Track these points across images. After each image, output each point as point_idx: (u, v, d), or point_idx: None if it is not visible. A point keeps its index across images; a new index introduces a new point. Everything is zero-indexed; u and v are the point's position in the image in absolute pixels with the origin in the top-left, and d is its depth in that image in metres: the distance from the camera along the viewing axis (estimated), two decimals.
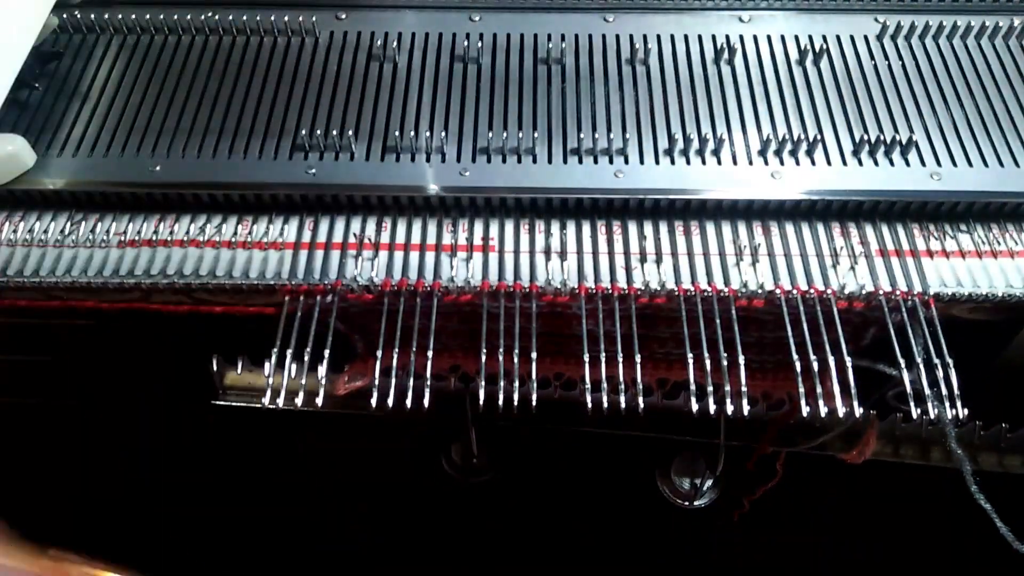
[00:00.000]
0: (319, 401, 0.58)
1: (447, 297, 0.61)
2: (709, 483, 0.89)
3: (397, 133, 0.65)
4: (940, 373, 0.57)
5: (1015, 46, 0.72)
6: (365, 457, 0.96)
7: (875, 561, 0.96)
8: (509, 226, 0.64)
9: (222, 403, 0.81)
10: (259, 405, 0.80)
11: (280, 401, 0.59)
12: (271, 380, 0.59)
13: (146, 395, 0.91)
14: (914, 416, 0.57)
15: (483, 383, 0.71)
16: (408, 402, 0.60)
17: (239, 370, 0.80)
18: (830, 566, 0.97)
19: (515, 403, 0.60)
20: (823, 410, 0.57)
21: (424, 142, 0.65)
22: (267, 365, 0.63)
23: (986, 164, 0.64)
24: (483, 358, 0.65)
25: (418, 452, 0.92)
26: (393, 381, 0.76)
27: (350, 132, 0.65)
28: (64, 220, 0.64)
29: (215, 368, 0.79)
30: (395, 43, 0.72)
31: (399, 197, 0.64)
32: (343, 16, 0.75)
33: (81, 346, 0.84)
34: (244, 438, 0.93)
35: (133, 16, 0.73)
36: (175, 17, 0.73)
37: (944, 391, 0.57)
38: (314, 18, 0.74)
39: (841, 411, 0.57)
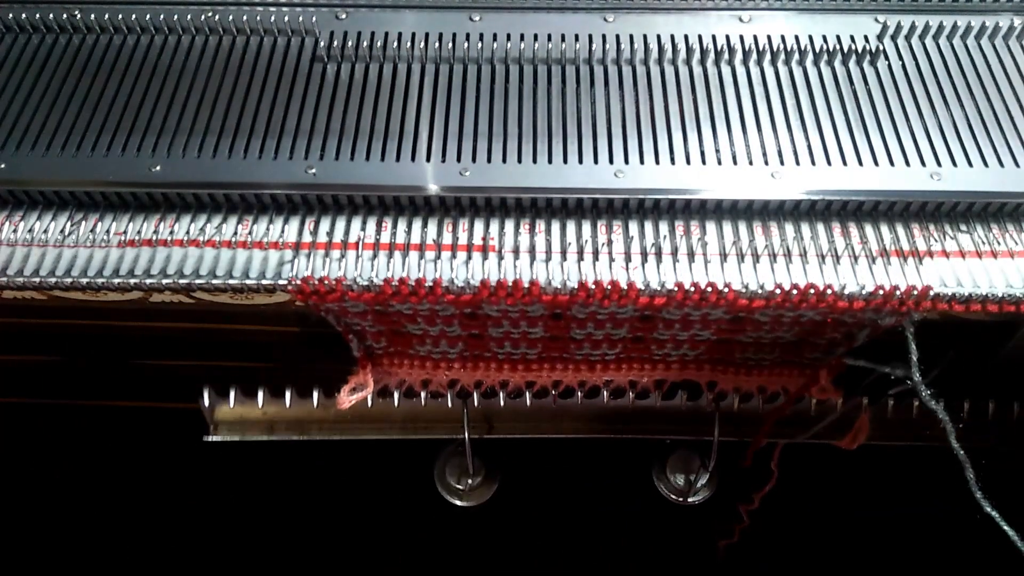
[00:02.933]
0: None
1: (447, 297, 0.61)
2: (704, 479, 0.89)
3: (397, 133, 0.65)
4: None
5: (1015, 46, 0.72)
6: (362, 482, 0.96)
7: (874, 549, 0.96)
8: (509, 226, 0.64)
9: (215, 439, 0.81)
10: (253, 438, 0.80)
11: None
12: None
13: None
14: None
15: (480, 394, 0.71)
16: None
17: (231, 403, 0.79)
18: (828, 557, 0.98)
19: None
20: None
21: (424, 142, 0.65)
22: (260, 395, 0.63)
23: (986, 164, 0.64)
24: (482, 367, 0.65)
25: (414, 473, 0.92)
26: (397, 398, 0.77)
27: (350, 132, 0.65)
28: (64, 220, 0.64)
29: (206, 402, 0.78)
30: (395, 43, 0.72)
31: (399, 197, 0.64)
32: (343, 16, 0.75)
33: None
34: (236, 459, 0.93)
35: (133, 16, 0.73)
36: (175, 17, 0.73)
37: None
38: (314, 18, 0.74)
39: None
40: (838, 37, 0.72)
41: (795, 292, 0.59)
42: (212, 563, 0.98)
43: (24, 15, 0.73)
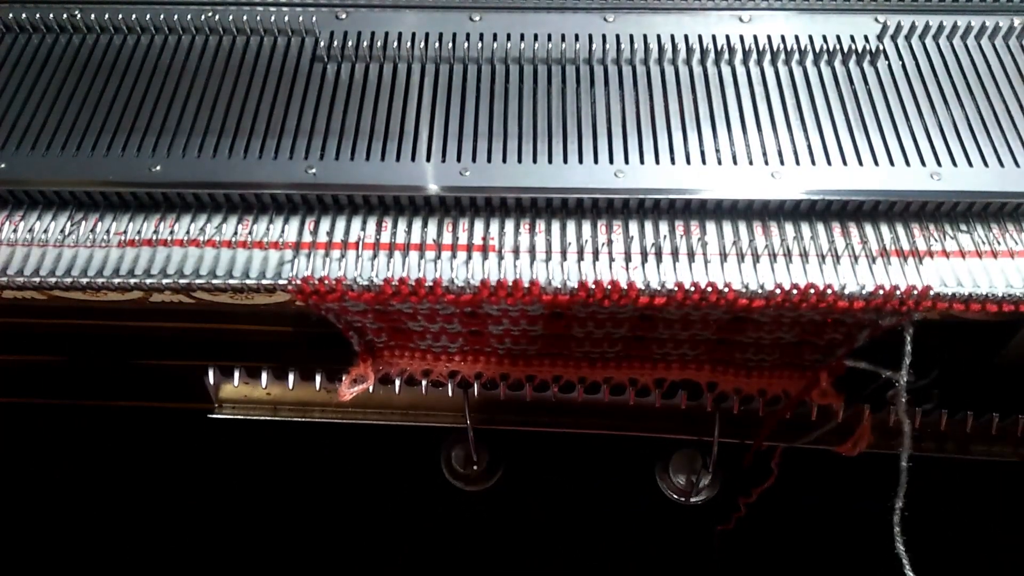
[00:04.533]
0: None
1: (447, 297, 0.61)
2: (706, 480, 0.89)
3: (397, 133, 0.65)
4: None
5: (1015, 46, 0.72)
6: (364, 466, 0.97)
7: (872, 554, 0.96)
8: (509, 226, 0.64)
9: (219, 416, 0.81)
10: (257, 417, 0.80)
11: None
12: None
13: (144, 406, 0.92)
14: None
15: (481, 385, 0.71)
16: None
17: (236, 382, 0.79)
18: (828, 560, 0.98)
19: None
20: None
21: (424, 142, 0.65)
22: (264, 376, 0.63)
23: (986, 164, 0.64)
24: (482, 360, 0.65)
25: (416, 459, 0.92)
26: (398, 385, 0.77)
27: (350, 132, 0.65)
28: (64, 220, 0.64)
29: (211, 381, 0.79)
30: (395, 43, 0.72)
31: (399, 197, 0.64)
32: (343, 16, 0.75)
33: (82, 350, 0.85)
34: (239, 449, 0.93)
35: (133, 16, 0.73)
36: (175, 17, 0.73)
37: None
38: (314, 18, 0.74)
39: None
40: (838, 37, 0.72)
41: (795, 292, 0.59)
42: (215, 559, 0.98)
43: (24, 15, 0.73)
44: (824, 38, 0.72)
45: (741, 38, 0.72)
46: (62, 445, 1.00)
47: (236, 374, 0.79)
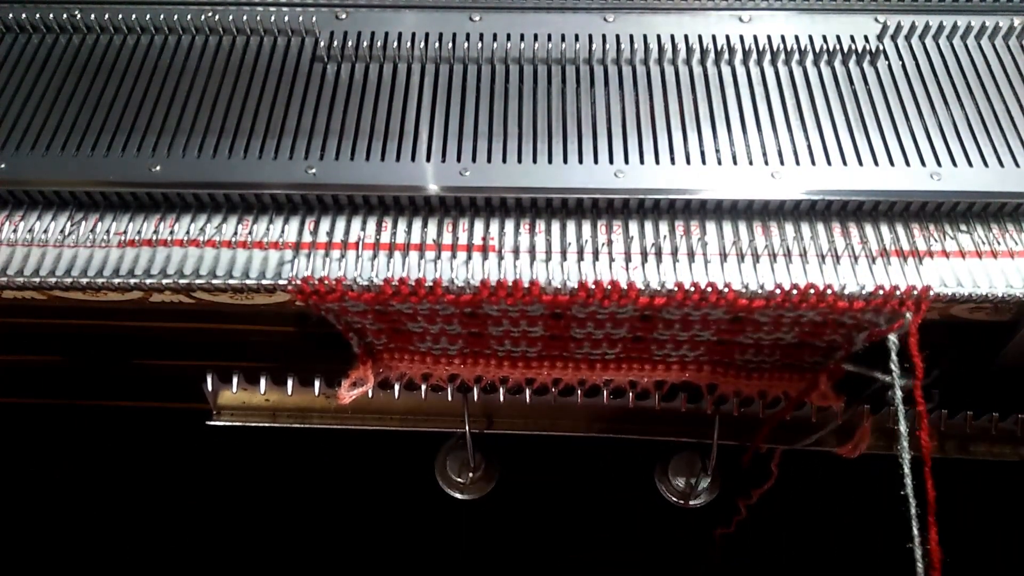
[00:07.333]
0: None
1: (447, 297, 0.61)
2: (706, 482, 0.89)
3: (397, 133, 0.65)
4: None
5: (1015, 46, 0.72)
6: (363, 472, 0.96)
7: (873, 556, 0.96)
8: (509, 226, 0.64)
9: (217, 423, 0.81)
10: (255, 424, 0.80)
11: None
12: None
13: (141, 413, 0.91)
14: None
15: (481, 389, 0.70)
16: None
17: (234, 388, 0.79)
18: (828, 563, 0.98)
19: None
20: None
21: (424, 142, 0.65)
22: (262, 382, 0.62)
23: (986, 164, 0.64)
24: (482, 363, 0.64)
25: (414, 465, 0.92)
26: (397, 390, 0.77)
27: (350, 132, 0.65)
28: (64, 220, 0.64)
29: (209, 387, 0.79)
30: (395, 43, 0.72)
31: (399, 197, 0.64)
32: (343, 16, 0.75)
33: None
34: (238, 453, 0.93)
35: (133, 16, 0.73)
36: (175, 17, 0.73)
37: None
38: (314, 18, 0.74)
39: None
40: (838, 37, 0.72)
41: (795, 292, 0.59)
42: (212, 562, 0.98)
43: (24, 15, 0.73)
44: (824, 38, 0.72)
45: (741, 38, 0.72)
46: (61, 445, 1.00)
47: (235, 380, 0.79)
